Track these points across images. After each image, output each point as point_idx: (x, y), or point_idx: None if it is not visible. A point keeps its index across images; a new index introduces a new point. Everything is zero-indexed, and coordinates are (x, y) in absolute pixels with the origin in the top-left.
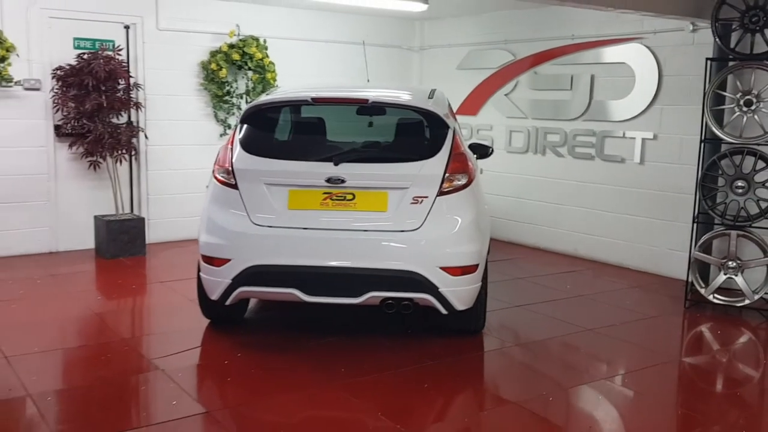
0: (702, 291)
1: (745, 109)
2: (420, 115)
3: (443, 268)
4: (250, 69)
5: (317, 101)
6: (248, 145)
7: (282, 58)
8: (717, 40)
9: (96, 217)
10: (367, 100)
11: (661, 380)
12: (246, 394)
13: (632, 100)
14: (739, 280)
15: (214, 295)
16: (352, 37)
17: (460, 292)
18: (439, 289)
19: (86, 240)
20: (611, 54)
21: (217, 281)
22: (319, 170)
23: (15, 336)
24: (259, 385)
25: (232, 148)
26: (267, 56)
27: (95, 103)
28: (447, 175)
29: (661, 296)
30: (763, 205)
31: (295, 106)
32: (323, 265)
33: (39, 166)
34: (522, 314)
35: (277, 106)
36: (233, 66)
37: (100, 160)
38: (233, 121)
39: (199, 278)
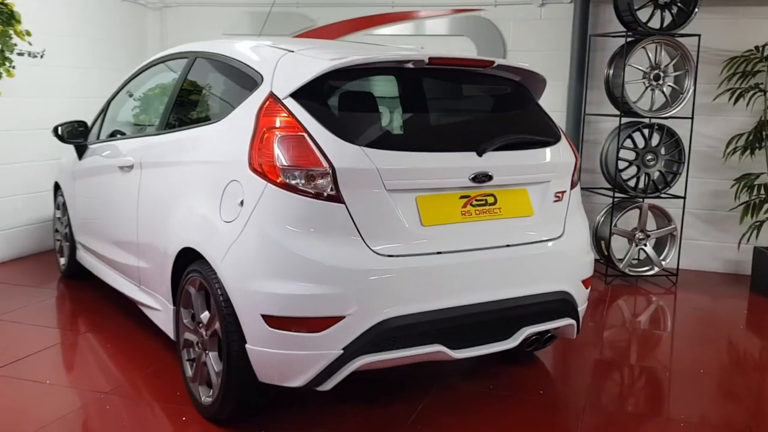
0: (620, 266)
1: (654, 83)
2: (522, 86)
3: (583, 281)
4: None
5: (434, 62)
6: (346, 132)
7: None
8: (631, 14)
9: None
10: (493, 61)
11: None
12: None
13: None
14: (648, 250)
15: (300, 380)
16: None
17: (584, 309)
18: (578, 309)
19: None
20: (446, 26)
21: (312, 355)
22: (461, 164)
23: None
24: None
25: (311, 137)
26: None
27: None
28: (577, 163)
29: None
30: (668, 176)
31: (391, 70)
32: (476, 303)
33: None
34: None
35: (360, 72)
36: None
37: None
38: None
39: (232, 355)
